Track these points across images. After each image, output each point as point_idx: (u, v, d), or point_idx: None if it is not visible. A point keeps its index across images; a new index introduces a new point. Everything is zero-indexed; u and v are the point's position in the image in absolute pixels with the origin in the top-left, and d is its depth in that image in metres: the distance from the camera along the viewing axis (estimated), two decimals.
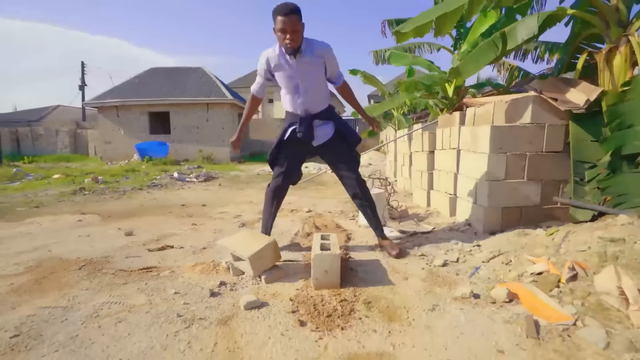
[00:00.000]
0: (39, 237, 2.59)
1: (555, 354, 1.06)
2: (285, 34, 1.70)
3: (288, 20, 1.67)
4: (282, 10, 1.68)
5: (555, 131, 2.30)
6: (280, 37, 1.74)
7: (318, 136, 2.00)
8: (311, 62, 1.84)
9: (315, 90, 1.94)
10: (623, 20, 2.08)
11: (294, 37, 1.71)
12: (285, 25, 1.68)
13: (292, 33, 1.70)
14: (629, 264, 1.44)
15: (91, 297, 1.49)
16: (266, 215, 2.10)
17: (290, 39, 1.71)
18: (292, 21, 1.68)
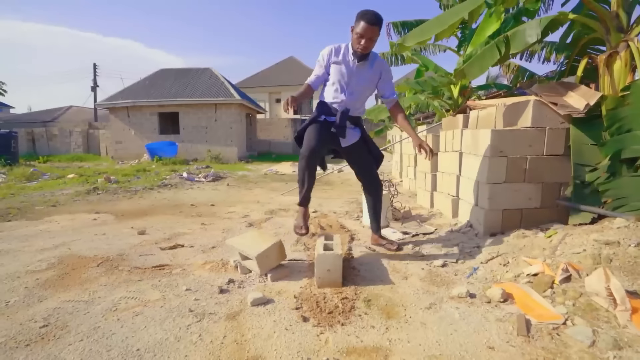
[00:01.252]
0: (58, 235, 2.73)
1: (542, 351, 1.12)
2: (362, 39, 1.81)
3: (370, 29, 1.79)
4: (370, 18, 1.79)
5: (556, 135, 2.34)
6: (356, 40, 1.84)
7: (348, 136, 2.05)
8: (369, 72, 1.98)
9: (359, 95, 2.03)
10: (623, 26, 2.11)
11: (368, 45, 1.84)
12: (365, 32, 1.79)
13: (368, 41, 1.82)
14: (622, 266, 1.49)
15: (110, 292, 1.60)
16: (306, 184, 1.96)
17: (364, 45, 1.83)
18: (373, 32, 1.81)
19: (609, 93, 2.15)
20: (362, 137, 2.11)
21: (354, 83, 1.97)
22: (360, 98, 2.04)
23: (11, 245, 2.41)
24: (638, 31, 2.07)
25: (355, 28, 1.83)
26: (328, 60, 1.98)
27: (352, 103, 2.01)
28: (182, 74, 15.06)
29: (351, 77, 1.96)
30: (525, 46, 2.53)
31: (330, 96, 2.02)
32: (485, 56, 2.76)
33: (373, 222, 2.27)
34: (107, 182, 6.19)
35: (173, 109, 13.65)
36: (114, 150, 14.13)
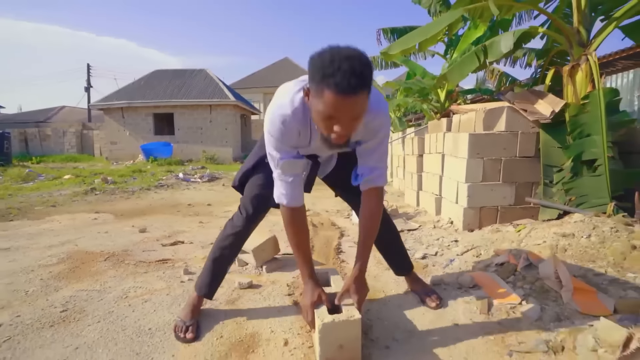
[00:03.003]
0: (63, 233, 2.87)
1: (498, 325, 1.31)
2: (334, 123, 0.89)
3: (350, 103, 0.85)
4: (345, 84, 0.82)
5: (527, 138, 2.55)
6: (321, 124, 0.92)
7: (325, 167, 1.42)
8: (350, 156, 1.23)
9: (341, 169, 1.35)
10: (583, 41, 2.32)
11: (349, 131, 0.91)
12: (343, 112, 0.87)
13: (351, 123, 0.90)
14: (574, 254, 1.70)
15: (119, 282, 1.77)
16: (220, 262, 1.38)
17: (340, 134, 0.90)
18: (358, 104, 0.86)
19: (572, 101, 2.37)
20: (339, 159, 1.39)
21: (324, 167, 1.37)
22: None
23: (19, 243, 2.55)
24: (596, 46, 2.29)
25: (315, 99, 0.89)
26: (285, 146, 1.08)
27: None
28: (177, 75, 15.13)
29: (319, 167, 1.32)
30: (500, 55, 2.73)
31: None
32: (465, 63, 2.96)
33: (393, 261, 1.58)
34: (104, 182, 6.30)
35: (168, 110, 13.72)
36: (109, 150, 14.16)
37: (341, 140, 0.92)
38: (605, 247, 1.66)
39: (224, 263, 1.38)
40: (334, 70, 0.80)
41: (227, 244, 1.35)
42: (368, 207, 1.19)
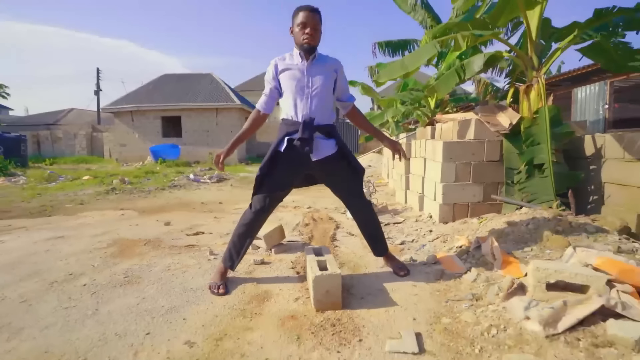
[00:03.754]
0: (100, 226, 3.38)
1: (445, 285, 1.80)
2: (305, 28, 1.66)
3: (311, 16, 1.67)
4: (308, 6, 1.69)
5: (493, 145, 3.03)
6: (299, 33, 1.68)
7: (319, 148, 1.74)
8: (322, 70, 1.75)
9: (321, 97, 1.74)
10: (535, 66, 2.80)
11: (314, 33, 1.67)
12: (307, 20, 1.66)
13: (313, 30, 1.67)
14: (514, 238, 2.18)
15: (160, 260, 2.27)
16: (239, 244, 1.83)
17: (309, 33, 1.66)
18: (315, 19, 1.68)
19: (527, 115, 2.84)
20: (340, 150, 1.80)
21: (311, 83, 1.73)
22: (324, 102, 1.75)
23: (67, 233, 3.06)
24: (545, 70, 2.77)
25: (294, 22, 1.70)
26: (275, 72, 1.76)
27: (316, 109, 1.73)
28: (183, 79, 15.70)
29: (304, 78, 1.72)
30: (474, 73, 3.21)
31: (290, 108, 1.75)
32: (449, 78, 3.45)
33: (375, 246, 2.01)
34: (122, 183, 6.83)
35: (176, 113, 14.28)
36: (118, 152, 14.73)
37: (311, 41, 1.68)
38: (536, 232, 2.14)
39: (244, 241, 1.83)
40: (302, 5, 1.72)
41: (242, 230, 1.83)
42: (358, 114, 1.99)
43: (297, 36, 1.71)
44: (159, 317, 1.50)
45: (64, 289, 1.80)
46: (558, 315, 1.16)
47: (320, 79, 1.74)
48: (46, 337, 1.34)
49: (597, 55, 2.62)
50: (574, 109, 5.53)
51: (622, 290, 1.22)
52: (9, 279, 1.92)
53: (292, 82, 1.74)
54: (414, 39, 5.67)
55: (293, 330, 1.39)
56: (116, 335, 1.35)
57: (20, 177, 7.81)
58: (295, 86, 1.74)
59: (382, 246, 2.04)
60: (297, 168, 1.80)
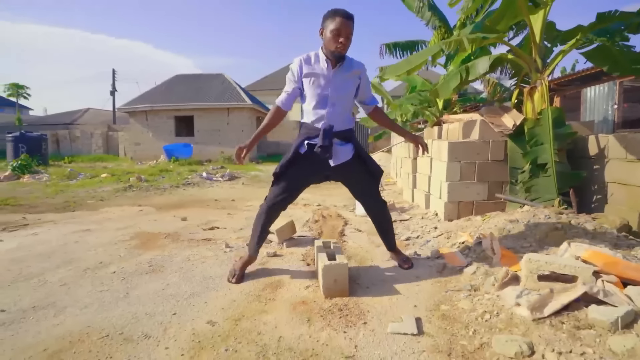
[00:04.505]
0: (121, 221, 3.59)
1: (446, 278, 1.92)
2: (340, 36, 1.63)
3: (347, 24, 1.63)
4: (344, 13, 1.64)
5: (498, 145, 3.12)
6: (332, 40, 1.65)
7: (338, 154, 1.83)
8: (348, 77, 1.78)
9: (343, 105, 1.82)
10: (539, 68, 2.87)
11: (347, 43, 1.65)
12: (342, 27, 1.62)
13: (346, 39, 1.64)
14: (515, 234, 2.28)
15: (180, 252, 2.45)
16: (256, 235, 1.94)
17: (342, 42, 1.64)
18: (350, 27, 1.65)
19: (530, 116, 2.92)
20: (357, 154, 1.88)
21: (334, 92, 1.76)
22: (344, 108, 1.82)
23: (92, 227, 3.27)
24: (548, 72, 2.84)
25: (328, 26, 1.66)
26: (299, 73, 1.78)
27: (336, 116, 1.79)
28: (196, 79, 16.04)
29: (329, 85, 1.75)
30: (478, 75, 3.29)
31: (310, 114, 1.81)
32: (452, 80, 3.54)
33: (386, 241, 2.12)
34: (138, 181, 7.10)
35: (188, 113, 14.61)
36: (133, 151, 15.15)
37: (343, 49, 1.68)
38: (536, 229, 2.23)
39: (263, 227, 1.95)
40: (339, 9, 1.68)
41: (257, 222, 1.98)
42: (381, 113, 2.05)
43: (328, 42, 1.69)
44: (182, 300, 1.67)
45: (96, 275, 1.98)
46: (544, 301, 1.27)
47: (344, 87, 1.79)
48: (86, 315, 1.51)
49: (601, 58, 2.67)
50: (583, 109, 5.52)
51: (607, 280, 1.32)
52: (47, 266, 2.12)
53: (315, 90, 1.77)
54: (422, 40, 5.74)
55: (304, 313, 1.53)
56: (146, 314, 1.52)
57: (43, 175, 8.17)
58: (318, 94, 1.78)
59: (392, 242, 2.16)
60: (316, 170, 1.89)
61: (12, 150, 11.24)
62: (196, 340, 1.33)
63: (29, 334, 1.36)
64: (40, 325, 1.42)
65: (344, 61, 1.76)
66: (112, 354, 1.24)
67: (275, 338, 1.34)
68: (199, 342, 1.32)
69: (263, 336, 1.36)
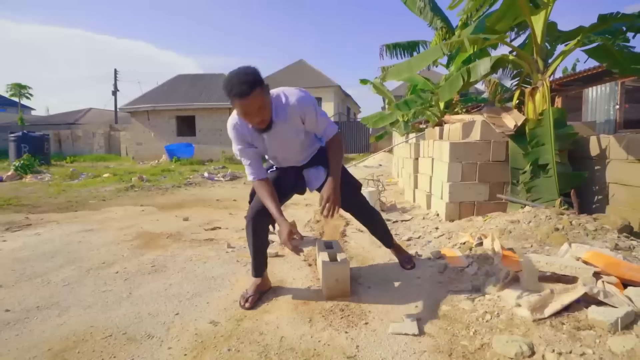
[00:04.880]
0: (123, 220, 3.61)
1: (448, 278, 1.92)
2: (251, 117, 1.36)
3: (249, 102, 1.30)
4: (239, 91, 1.28)
5: (499, 146, 3.12)
6: (246, 121, 1.42)
7: (311, 181, 1.78)
8: (287, 127, 1.52)
9: (298, 150, 1.68)
10: (540, 69, 2.87)
11: (263, 115, 1.37)
12: (248, 109, 1.33)
13: (259, 112, 1.35)
14: (515, 235, 2.29)
15: (183, 251, 2.46)
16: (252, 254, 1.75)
17: (258, 121, 1.38)
18: (256, 100, 1.31)
19: (532, 117, 2.92)
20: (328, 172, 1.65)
21: (281, 150, 1.65)
22: (301, 151, 1.69)
23: (95, 226, 3.29)
24: (550, 73, 2.84)
25: (234, 107, 1.39)
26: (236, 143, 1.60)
27: (296, 160, 1.74)
28: (197, 79, 16.07)
29: (273, 147, 1.61)
30: (480, 77, 3.28)
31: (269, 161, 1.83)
32: (454, 82, 3.54)
33: (382, 240, 2.11)
34: (140, 180, 7.13)
35: (190, 113, 14.64)
36: (135, 151, 15.20)
37: (261, 125, 1.41)
38: (538, 229, 2.23)
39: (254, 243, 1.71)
40: (231, 85, 1.29)
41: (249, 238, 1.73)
42: (331, 145, 1.64)
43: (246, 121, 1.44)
44: (185, 300, 1.68)
45: (99, 275, 2.00)
46: (545, 302, 1.28)
47: (289, 138, 1.58)
48: (90, 315, 1.53)
49: (602, 56, 2.67)
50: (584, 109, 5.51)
51: (607, 281, 1.33)
52: (50, 266, 2.14)
53: (260, 150, 1.63)
54: (423, 41, 5.74)
55: (305, 313, 1.54)
56: (149, 314, 1.53)
57: (46, 174, 8.21)
58: (267, 154, 1.70)
59: (388, 240, 2.13)
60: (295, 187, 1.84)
61: (14, 150, 11.28)
62: (199, 340, 1.34)
63: (34, 333, 1.38)
64: (44, 325, 1.44)
65: (274, 119, 1.46)
66: (115, 354, 1.25)
67: (277, 338, 1.35)
68: (201, 342, 1.33)
69: (265, 336, 1.37)
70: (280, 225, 1.49)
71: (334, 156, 1.62)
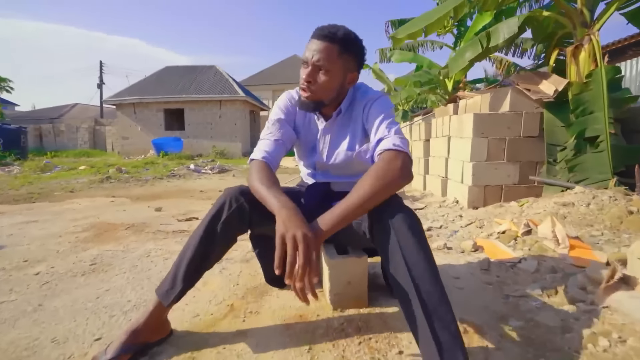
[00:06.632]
0: (84, 211, 3.02)
1: (497, 278, 1.39)
2: (306, 70, 0.98)
3: (317, 48, 0.95)
4: (318, 31, 0.97)
5: (531, 118, 2.60)
6: (301, 74, 1.00)
7: None
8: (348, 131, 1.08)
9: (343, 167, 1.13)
10: (587, 22, 2.37)
11: (318, 81, 0.97)
12: (310, 54, 0.96)
13: (316, 71, 0.96)
14: (573, 220, 1.76)
15: (141, 245, 1.89)
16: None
17: (307, 81, 0.97)
18: (325, 52, 0.94)
19: (575, 80, 2.41)
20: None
21: (327, 156, 1.12)
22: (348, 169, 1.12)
23: (46, 217, 2.70)
24: (599, 26, 2.33)
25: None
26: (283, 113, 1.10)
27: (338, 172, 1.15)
28: (187, 71, 15.37)
29: (319, 147, 1.12)
30: (503, 40, 2.76)
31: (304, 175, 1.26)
32: (467, 50, 3.02)
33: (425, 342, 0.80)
34: (118, 172, 6.50)
35: (178, 106, 13.95)
36: (121, 145, 14.46)
37: (306, 92, 0.99)
38: (603, 213, 1.72)
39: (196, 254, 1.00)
40: (319, 27, 0.99)
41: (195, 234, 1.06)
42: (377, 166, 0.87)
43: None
44: (120, 315, 1.12)
45: (9, 278, 1.42)
46: None
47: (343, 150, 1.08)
48: None
49: None
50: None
51: None
52: None
53: (304, 150, 1.18)
54: None
55: (302, 336, 0.99)
56: (53, 341, 0.96)
57: (15, 167, 7.53)
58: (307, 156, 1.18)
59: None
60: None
61: None
62: None
63: None
64: None
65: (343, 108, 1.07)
66: None
67: None
68: None
69: None
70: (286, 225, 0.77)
71: (365, 183, 0.83)
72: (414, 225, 0.82)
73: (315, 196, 1.12)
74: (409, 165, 0.90)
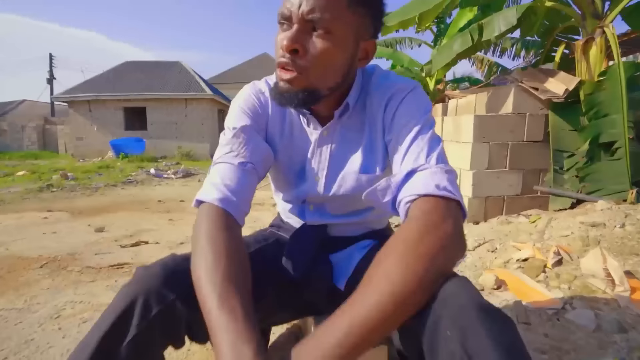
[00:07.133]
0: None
1: (546, 338, 1.03)
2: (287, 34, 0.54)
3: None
4: None
5: (536, 121, 2.32)
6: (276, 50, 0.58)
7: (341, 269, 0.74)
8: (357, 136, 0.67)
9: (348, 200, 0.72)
10: (598, 12, 2.12)
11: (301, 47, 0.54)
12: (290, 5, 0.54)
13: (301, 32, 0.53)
14: (610, 247, 1.45)
15: (52, 296, 1.36)
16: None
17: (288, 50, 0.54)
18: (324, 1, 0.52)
19: (586, 79, 2.15)
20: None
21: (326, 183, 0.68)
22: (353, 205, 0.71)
23: None
24: (613, 17, 2.09)
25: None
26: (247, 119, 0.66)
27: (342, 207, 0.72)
28: (149, 67, 14.29)
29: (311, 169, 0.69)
30: (498, 33, 2.46)
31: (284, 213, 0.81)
32: (454, 44, 2.70)
33: None
34: (63, 179, 5.67)
35: (140, 104, 12.90)
36: (74, 147, 13.16)
37: (288, 69, 0.55)
38: None
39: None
40: None
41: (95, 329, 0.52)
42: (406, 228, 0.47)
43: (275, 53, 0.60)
44: None
45: None
46: None
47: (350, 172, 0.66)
48: None
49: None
50: None
51: None
52: None
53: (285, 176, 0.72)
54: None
55: None
56: None
57: None
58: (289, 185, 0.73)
59: None
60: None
61: None
62: None
63: None
64: None
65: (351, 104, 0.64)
66: None
67: None
68: None
69: None
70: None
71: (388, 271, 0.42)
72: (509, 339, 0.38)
73: (305, 249, 0.68)
74: (462, 228, 0.49)
